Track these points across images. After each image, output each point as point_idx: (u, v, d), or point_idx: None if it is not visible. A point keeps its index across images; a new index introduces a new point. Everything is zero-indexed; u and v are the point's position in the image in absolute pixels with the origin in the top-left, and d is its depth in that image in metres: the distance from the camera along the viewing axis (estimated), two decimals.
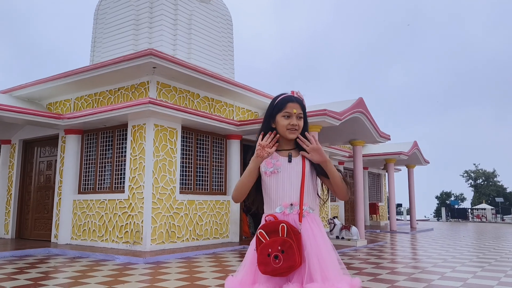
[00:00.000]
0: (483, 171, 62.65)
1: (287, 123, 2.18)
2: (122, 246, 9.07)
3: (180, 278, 6.08)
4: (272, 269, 1.97)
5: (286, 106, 2.19)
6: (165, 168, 9.36)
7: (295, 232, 2.03)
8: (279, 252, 1.96)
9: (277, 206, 2.15)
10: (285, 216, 2.11)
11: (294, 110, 2.18)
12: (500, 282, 5.89)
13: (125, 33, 11.80)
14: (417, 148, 18.79)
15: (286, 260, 1.95)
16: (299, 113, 2.20)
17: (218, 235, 10.62)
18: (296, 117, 2.19)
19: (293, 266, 1.96)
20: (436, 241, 12.94)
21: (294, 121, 2.18)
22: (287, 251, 1.96)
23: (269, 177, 2.18)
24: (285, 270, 1.96)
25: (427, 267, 7.45)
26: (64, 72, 10.32)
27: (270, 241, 2.01)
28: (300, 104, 2.22)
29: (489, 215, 35.04)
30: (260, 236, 2.04)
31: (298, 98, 2.25)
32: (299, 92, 2.28)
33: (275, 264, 1.95)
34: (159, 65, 9.02)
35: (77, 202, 10.15)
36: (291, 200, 2.13)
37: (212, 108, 11.14)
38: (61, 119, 10.05)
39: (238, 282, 2.11)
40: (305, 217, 2.11)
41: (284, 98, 2.23)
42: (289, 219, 2.10)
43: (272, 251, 1.97)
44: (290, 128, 2.18)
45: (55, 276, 6.21)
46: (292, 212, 2.12)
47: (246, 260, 2.16)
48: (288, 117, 2.19)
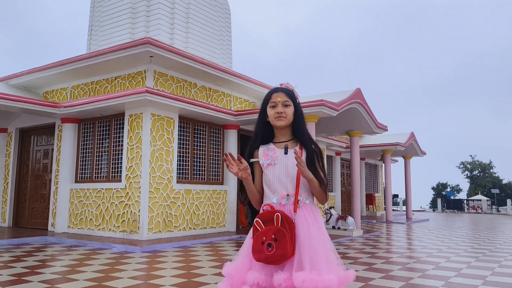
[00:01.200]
0: (479, 163, 62.93)
1: (274, 112, 2.26)
2: (119, 235, 9.10)
3: (176, 266, 6.11)
4: (265, 257, 2.02)
5: (271, 97, 2.30)
6: (162, 157, 9.36)
7: (289, 222, 2.08)
8: (273, 240, 2.01)
9: (274, 197, 2.22)
10: (281, 206, 2.18)
11: (278, 99, 2.27)
12: (494, 272, 5.95)
13: (122, 21, 11.70)
14: (414, 139, 18.83)
15: (278, 248, 2.00)
16: (284, 100, 2.27)
17: (215, 225, 10.66)
18: (281, 105, 2.26)
19: (285, 254, 2.00)
20: (431, 232, 13.03)
21: (279, 109, 2.25)
22: (280, 240, 2.01)
23: (267, 169, 2.26)
24: (277, 258, 2.02)
25: (422, 257, 7.51)
26: (60, 61, 10.25)
27: (265, 229, 2.07)
28: (286, 93, 2.29)
29: (485, 206, 35.26)
30: (256, 225, 2.11)
31: (285, 88, 2.33)
32: (287, 84, 2.36)
33: (268, 252, 2.01)
34: (156, 54, 8.96)
35: (74, 191, 10.15)
36: (287, 191, 2.19)
37: (209, 98, 11.10)
38: (58, 107, 10.00)
39: (235, 268, 2.19)
40: (300, 207, 2.17)
41: (270, 91, 2.35)
42: (285, 210, 2.16)
43: (266, 239, 2.03)
44: (277, 117, 2.25)
45: (52, 264, 6.23)
46: (288, 203, 2.18)
47: (243, 248, 2.24)
48: (274, 107, 2.28)
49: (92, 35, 12.47)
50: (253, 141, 2.37)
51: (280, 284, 2.02)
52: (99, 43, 12.00)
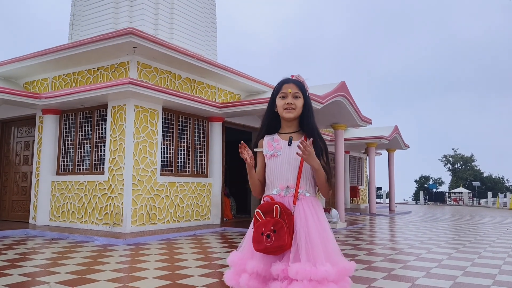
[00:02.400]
0: (461, 156, 63.96)
1: (283, 102, 2.26)
2: (101, 227, 9.01)
3: (160, 259, 6.08)
4: (264, 247, 2.05)
5: (282, 88, 2.29)
6: (145, 149, 9.27)
7: (287, 214, 2.10)
8: (271, 231, 2.05)
9: (274, 188, 2.24)
10: (281, 198, 2.20)
11: (289, 90, 2.26)
12: (473, 263, 6.07)
13: (105, 11, 11.51)
14: (398, 133, 19.02)
15: (276, 239, 2.03)
16: (295, 92, 2.26)
17: (199, 217, 10.63)
18: (291, 97, 2.25)
19: (282, 246, 2.03)
20: (413, 224, 13.22)
21: (289, 100, 2.25)
22: (279, 231, 2.04)
23: (269, 159, 2.27)
24: (276, 249, 2.05)
25: (404, 248, 7.62)
26: (41, 50, 10.04)
27: (265, 220, 2.10)
28: (297, 85, 2.29)
29: (466, 199, 35.94)
30: (257, 215, 2.14)
31: (296, 79, 2.32)
32: (298, 75, 2.35)
33: (267, 242, 2.04)
34: (140, 45, 8.84)
35: (56, 184, 10.00)
36: (287, 183, 2.21)
37: (194, 90, 11.02)
38: (39, 98, 9.81)
39: (238, 257, 2.23)
40: (300, 200, 2.18)
41: (281, 81, 2.33)
42: (285, 201, 2.18)
43: (265, 230, 2.06)
44: (286, 108, 2.25)
45: (33, 258, 6.14)
46: (288, 195, 2.20)
47: (246, 237, 2.27)
48: (284, 98, 2.27)
49: (74, 25, 12.25)
50: (259, 130, 2.39)
51: (278, 274, 2.05)
52: (81, 33, 11.79)
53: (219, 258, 6.28)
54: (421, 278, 5.03)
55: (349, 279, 2.16)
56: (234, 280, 2.20)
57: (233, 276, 2.22)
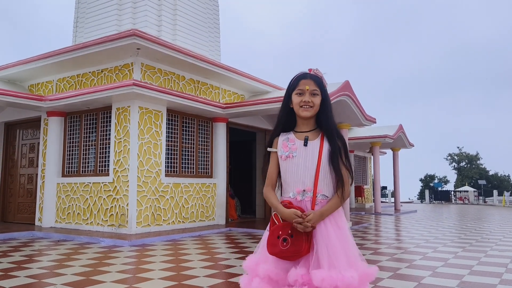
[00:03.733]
0: (466, 154, 63.66)
1: (300, 100, 2.12)
2: (107, 229, 9.04)
3: (165, 260, 6.09)
4: (279, 251, 1.97)
5: (299, 84, 2.15)
6: (150, 151, 9.29)
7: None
8: (289, 236, 1.97)
9: (291, 191, 2.12)
10: (297, 202, 2.08)
11: (307, 87, 2.12)
12: (480, 262, 6.03)
13: (108, 13, 11.54)
14: (402, 132, 18.96)
15: (293, 244, 1.96)
16: (313, 89, 2.12)
17: (204, 218, 10.64)
18: (309, 94, 2.12)
19: (299, 251, 1.95)
20: (419, 223, 13.17)
21: (307, 98, 2.11)
22: (296, 236, 1.97)
23: (285, 161, 2.14)
24: (291, 254, 1.96)
25: (410, 247, 7.58)
26: (45, 53, 10.08)
27: (282, 224, 2.02)
28: (315, 81, 2.14)
29: (472, 197, 35.77)
30: (274, 218, 2.07)
31: (314, 75, 2.17)
32: (317, 70, 2.20)
33: (283, 246, 1.96)
34: (143, 46, 8.86)
35: (61, 185, 10.04)
36: (304, 186, 2.09)
37: (197, 91, 11.03)
38: (43, 101, 9.86)
39: (254, 261, 2.14)
40: (318, 204, 2.07)
41: (298, 76, 2.18)
42: (302, 205, 2.07)
43: (282, 234, 1.99)
44: (303, 105, 2.12)
45: (39, 259, 6.16)
46: (305, 199, 2.08)
47: (262, 241, 2.17)
48: (300, 95, 2.13)
49: (78, 27, 12.29)
50: (274, 128, 2.25)
51: (296, 280, 1.95)
52: (85, 35, 11.83)
53: (224, 258, 6.28)
54: (428, 277, 5.01)
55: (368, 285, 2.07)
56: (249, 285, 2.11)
57: (248, 282, 2.13)
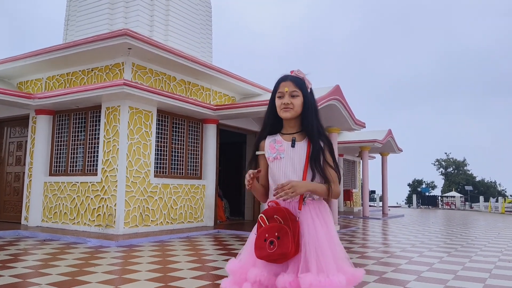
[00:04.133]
0: (453, 160, 64.34)
1: (280, 102, 2.13)
2: (94, 229, 8.98)
3: (152, 261, 6.07)
4: (266, 254, 1.94)
5: (279, 86, 2.16)
6: (139, 151, 9.25)
7: (292, 220, 1.98)
8: (275, 238, 1.93)
9: None
10: (286, 203, 2.07)
11: (286, 89, 2.12)
12: (464, 267, 6.11)
13: (100, 12, 11.48)
14: (391, 136, 19.12)
15: (280, 246, 1.91)
16: (292, 90, 2.12)
17: (193, 219, 10.61)
18: (288, 95, 2.12)
19: (286, 253, 1.92)
20: (406, 227, 13.28)
21: (286, 100, 2.11)
22: (283, 238, 1.92)
23: (272, 162, 2.14)
24: (278, 257, 1.93)
25: (396, 252, 7.65)
26: (35, 50, 10.00)
27: (268, 226, 1.98)
28: (294, 82, 2.14)
29: (458, 203, 36.12)
30: (260, 221, 2.02)
31: (295, 76, 2.17)
32: (298, 71, 2.19)
33: (270, 249, 1.92)
34: (135, 46, 8.84)
35: (48, 184, 9.95)
36: None
37: (188, 92, 11.02)
38: (32, 98, 9.77)
39: (239, 265, 2.10)
40: (306, 204, 2.06)
41: (279, 79, 2.19)
42: (290, 206, 2.06)
43: (268, 236, 1.95)
44: (283, 108, 2.12)
45: (25, 259, 6.10)
46: (293, 200, 2.06)
47: (247, 244, 2.14)
48: (280, 97, 2.14)
49: (69, 25, 12.20)
50: (261, 131, 2.24)
51: (285, 286, 1.92)
52: (76, 33, 11.75)
53: (212, 260, 6.28)
54: (413, 282, 5.06)
55: None
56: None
57: (232, 285, 2.09)
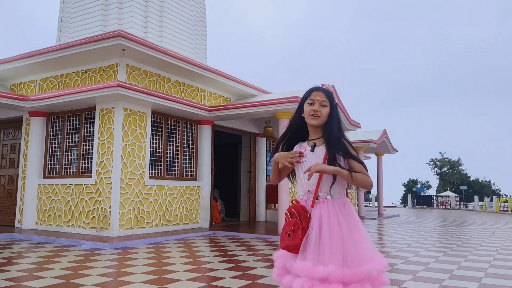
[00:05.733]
0: (448, 160, 64.61)
1: (310, 109, 2.37)
2: (89, 231, 8.92)
3: (148, 263, 6.03)
4: (285, 245, 2.26)
5: (311, 94, 2.41)
6: (134, 153, 9.21)
7: (304, 216, 2.27)
8: (291, 231, 2.25)
9: (300, 192, 2.42)
10: (304, 201, 2.37)
11: (318, 97, 2.37)
12: (460, 267, 6.12)
13: (94, 13, 11.43)
14: (386, 137, 19.16)
15: (293, 238, 2.23)
16: (323, 100, 2.37)
17: (188, 221, 10.58)
18: (318, 104, 2.36)
19: (297, 244, 2.22)
20: (401, 227, 13.31)
21: (316, 107, 2.35)
22: (296, 231, 2.24)
23: (296, 166, 2.42)
24: (293, 248, 2.23)
25: (392, 251, 7.66)
26: (28, 52, 9.94)
27: (288, 221, 2.31)
28: (325, 93, 2.40)
29: (453, 202, 36.30)
30: (285, 216, 2.35)
31: (326, 88, 2.44)
32: (329, 85, 2.48)
33: (287, 241, 2.25)
34: (129, 47, 8.80)
35: (42, 187, 9.88)
36: (309, 187, 2.35)
37: (183, 93, 10.99)
38: (25, 100, 9.70)
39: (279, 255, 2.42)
40: (319, 203, 2.30)
41: (311, 88, 2.45)
42: (306, 204, 2.34)
43: (287, 230, 2.27)
44: (312, 114, 2.36)
45: (19, 262, 6.05)
46: (309, 199, 2.35)
47: None
48: (311, 104, 2.39)
49: (63, 26, 12.14)
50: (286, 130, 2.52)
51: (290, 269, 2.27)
52: (69, 35, 11.70)
53: (207, 262, 6.26)
54: (408, 282, 5.06)
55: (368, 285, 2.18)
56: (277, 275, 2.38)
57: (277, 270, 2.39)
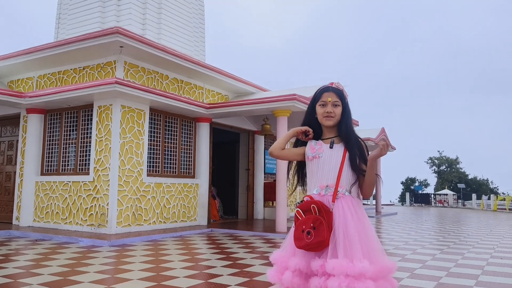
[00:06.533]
0: (446, 158, 64.72)
1: (323, 111, 2.37)
2: (86, 228, 8.91)
3: (145, 260, 6.03)
4: (305, 244, 2.15)
5: (322, 96, 2.40)
6: (132, 150, 9.19)
7: (326, 211, 2.21)
8: (311, 228, 2.15)
9: (315, 188, 2.35)
10: (321, 197, 2.30)
11: (329, 99, 2.37)
12: (457, 264, 6.14)
13: (92, 10, 11.40)
14: (385, 135, 19.17)
15: (316, 236, 2.13)
16: (335, 101, 2.37)
17: (186, 218, 10.58)
18: (331, 105, 2.36)
19: (322, 241, 2.13)
20: (399, 225, 13.33)
21: (329, 109, 2.36)
22: (318, 228, 2.14)
23: (311, 161, 2.39)
24: (316, 245, 2.14)
25: (389, 249, 7.67)
26: (26, 49, 9.91)
27: (305, 218, 2.20)
28: (336, 93, 2.39)
29: (451, 201, 36.38)
30: (297, 214, 2.25)
31: (336, 88, 2.42)
32: (338, 83, 2.45)
33: (307, 239, 2.14)
34: (127, 44, 8.77)
35: (40, 184, 9.86)
36: (327, 182, 2.31)
37: (181, 90, 10.97)
38: (23, 97, 9.67)
39: (281, 255, 2.33)
40: (339, 198, 2.27)
41: (321, 89, 2.44)
42: (324, 200, 2.28)
43: (305, 228, 2.16)
44: (326, 116, 2.36)
45: (16, 259, 6.04)
46: (328, 193, 2.29)
47: (288, 236, 2.36)
48: (323, 106, 2.39)
49: (60, 23, 12.11)
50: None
51: (317, 269, 2.12)
52: (67, 31, 11.67)
53: (205, 259, 6.26)
54: (406, 279, 5.08)
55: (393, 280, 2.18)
56: (277, 277, 2.28)
57: (276, 273, 2.30)
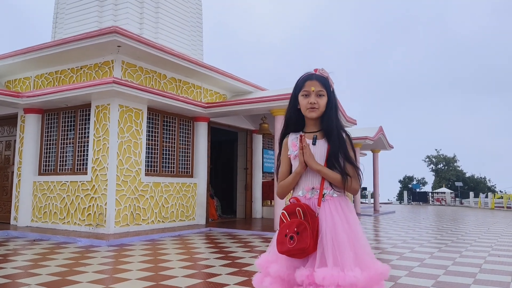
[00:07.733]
0: (444, 156, 64.88)
1: (306, 102, 2.12)
2: (84, 228, 8.90)
3: (144, 260, 6.03)
4: (287, 249, 1.97)
5: (304, 85, 2.14)
6: (130, 149, 9.19)
7: (311, 216, 2.01)
8: (295, 233, 1.96)
9: (300, 190, 2.14)
10: (306, 199, 2.10)
11: (312, 88, 2.11)
12: (455, 262, 6.16)
13: (89, 9, 11.37)
14: (382, 133, 19.20)
15: (299, 241, 1.94)
16: (318, 90, 2.11)
17: (184, 218, 10.58)
18: (315, 95, 2.11)
19: (305, 248, 1.94)
20: (397, 223, 13.36)
21: (312, 99, 2.11)
22: (301, 233, 1.95)
23: (294, 160, 2.16)
24: (298, 252, 1.96)
25: (387, 248, 7.69)
26: (23, 49, 9.88)
27: (289, 222, 2.01)
28: (320, 81, 2.13)
29: (449, 199, 36.48)
30: (282, 217, 2.06)
31: (320, 75, 2.15)
32: (322, 70, 2.17)
33: (290, 244, 1.95)
34: (124, 43, 8.76)
35: (38, 184, 9.84)
36: (313, 184, 2.11)
37: (179, 90, 10.96)
38: (20, 97, 9.65)
39: (265, 260, 2.15)
40: (326, 201, 2.07)
41: (303, 77, 2.17)
42: (310, 203, 2.09)
43: (289, 232, 1.98)
44: (310, 107, 2.12)
45: (14, 259, 6.03)
46: (313, 196, 2.10)
47: (272, 240, 2.16)
48: (306, 96, 2.13)
49: (58, 22, 12.07)
50: (283, 129, 2.27)
51: (302, 280, 1.95)
52: (64, 31, 11.63)
53: (203, 258, 6.26)
54: (404, 277, 5.09)
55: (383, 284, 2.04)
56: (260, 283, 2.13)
57: (260, 280, 2.13)
